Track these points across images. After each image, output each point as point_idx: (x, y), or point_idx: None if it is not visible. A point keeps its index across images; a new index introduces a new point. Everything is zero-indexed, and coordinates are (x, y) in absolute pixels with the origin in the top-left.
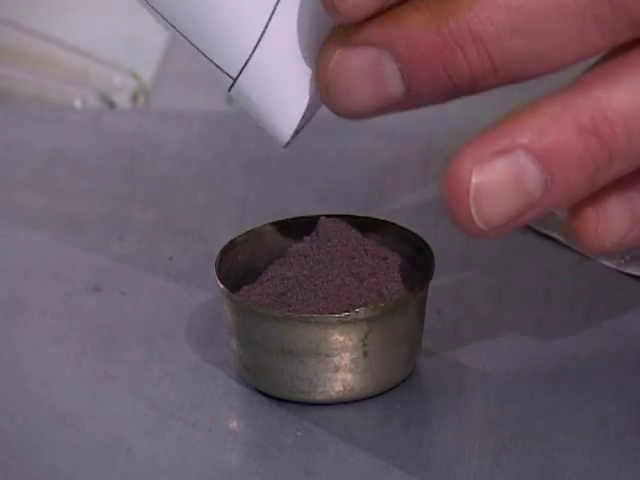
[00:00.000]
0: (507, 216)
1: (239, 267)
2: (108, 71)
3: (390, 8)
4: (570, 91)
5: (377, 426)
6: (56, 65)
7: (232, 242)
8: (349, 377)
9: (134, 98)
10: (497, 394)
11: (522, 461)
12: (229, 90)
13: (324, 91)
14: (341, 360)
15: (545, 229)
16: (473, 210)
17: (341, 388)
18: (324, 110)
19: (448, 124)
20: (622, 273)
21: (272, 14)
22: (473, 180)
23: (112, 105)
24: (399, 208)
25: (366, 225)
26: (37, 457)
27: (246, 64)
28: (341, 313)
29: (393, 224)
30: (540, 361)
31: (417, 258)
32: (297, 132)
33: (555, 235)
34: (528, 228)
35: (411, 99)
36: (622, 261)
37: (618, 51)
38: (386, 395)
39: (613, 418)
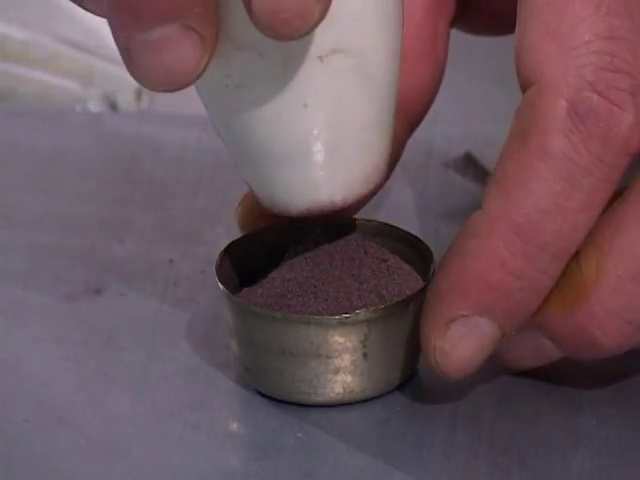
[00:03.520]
0: (469, 365)
1: (239, 269)
2: (112, 69)
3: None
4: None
5: (377, 428)
6: (60, 64)
7: (232, 244)
8: (349, 379)
9: (138, 96)
10: (497, 396)
11: (522, 463)
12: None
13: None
14: (341, 362)
15: None
16: (440, 365)
17: (341, 390)
18: None
19: (448, 129)
20: None
21: None
22: (437, 346)
23: (116, 104)
24: (399, 212)
25: (366, 227)
26: (37, 458)
27: None
28: (341, 314)
29: (393, 226)
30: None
31: (417, 260)
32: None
33: None
34: None
35: None
36: None
37: None
38: (386, 397)
39: (613, 420)
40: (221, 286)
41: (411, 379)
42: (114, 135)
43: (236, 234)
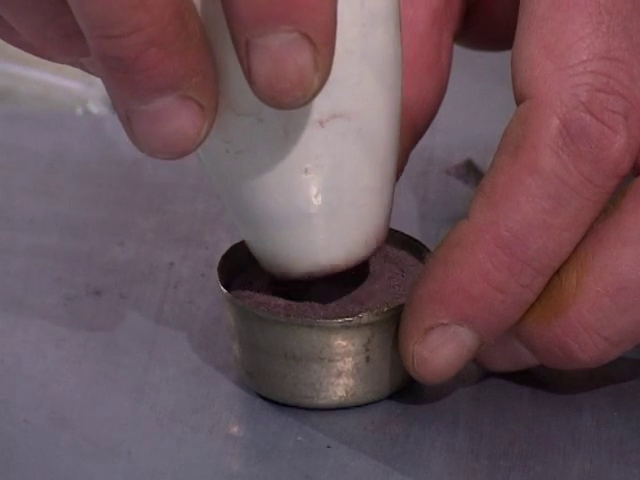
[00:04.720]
0: (446, 372)
1: (240, 272)
2: None
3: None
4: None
5: (378, 431)
6: (61, 65)
7: (233, 247)
8: (351, 382)
9: None
10: (497, 399)
11: (523, 465)
12: None
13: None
14: (344, 365)
15: None
16: (417, 371)
17: (343, 393)
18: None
19: (448, 137)
20: None
21: None
22: (415, 351)
23: None
24: (401, 217)
25: None
26: (37, 459)
27: None
28: (344, 318)
29: (396, 231)
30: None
31: (419, 264)
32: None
33: None
34: None
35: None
36: None
37: None
38: (387, 400)
39: (613, 422)
40: (223, 289)
41: (412, 382)
42: (115, 138)
43: (237, 237)
